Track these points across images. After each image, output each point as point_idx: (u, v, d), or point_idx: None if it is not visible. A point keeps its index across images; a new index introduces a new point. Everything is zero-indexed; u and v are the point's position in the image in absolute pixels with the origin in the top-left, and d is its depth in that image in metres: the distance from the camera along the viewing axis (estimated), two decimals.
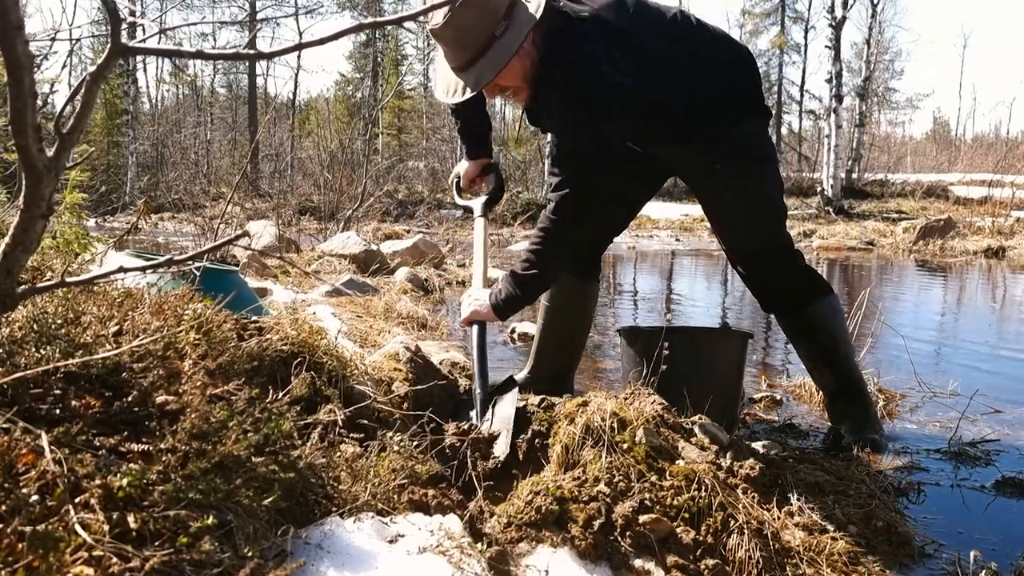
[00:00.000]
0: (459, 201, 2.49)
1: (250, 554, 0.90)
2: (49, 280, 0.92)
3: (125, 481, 0.87)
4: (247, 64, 26.35)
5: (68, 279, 0.89)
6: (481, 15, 1.81)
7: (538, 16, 1.84)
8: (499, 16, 1.82)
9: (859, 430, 2.13)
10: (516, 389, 1.80)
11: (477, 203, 2.37)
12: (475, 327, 2.08)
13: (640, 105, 1.97)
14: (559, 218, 2.02)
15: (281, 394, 1.27)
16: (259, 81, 29.27)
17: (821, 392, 2.36)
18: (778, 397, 2.68)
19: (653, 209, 14.99)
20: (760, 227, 2.17)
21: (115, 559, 0.78)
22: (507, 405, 1.74)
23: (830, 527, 1.49)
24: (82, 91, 0.79)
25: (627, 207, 2.42)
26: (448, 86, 1.95)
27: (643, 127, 2.07)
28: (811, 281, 2.21)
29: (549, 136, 2.22)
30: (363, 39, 27.00)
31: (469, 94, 1.88)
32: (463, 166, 2.46)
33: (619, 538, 1.33)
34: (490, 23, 1.81)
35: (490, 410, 1.79)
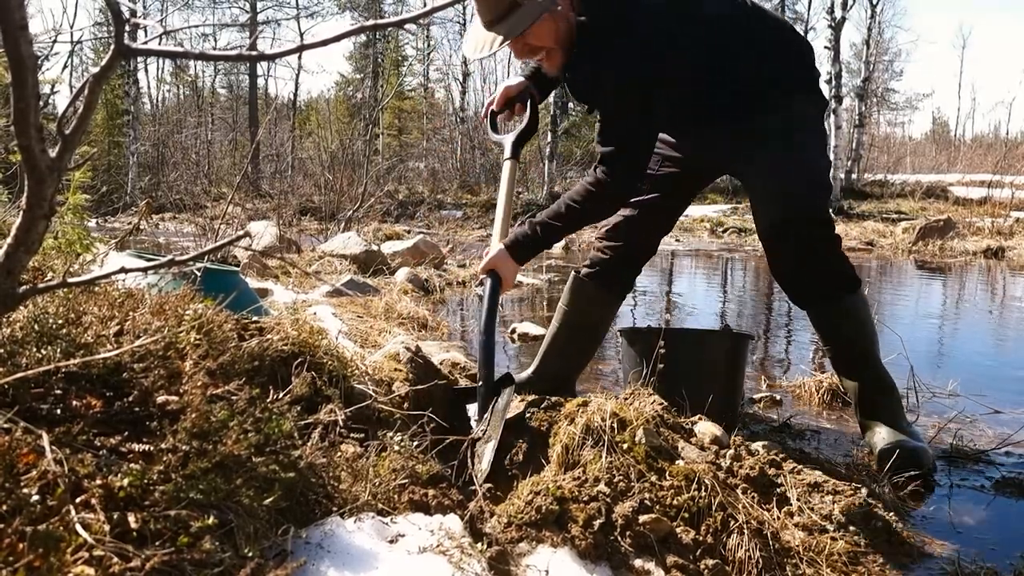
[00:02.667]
0: (492, 137, 2.38)
1: (251, 554, 0.91)
2: (51, 280, 0.93)
3: (126, 481, 0.88)
4: (248, 65, 26.37)
5: (70, 279, 0.89)
6: None
7: None
8: None
9: (897, 428, 2.01)
10: (512, 388, 1.79)
11: (508, 140, 2.26)
12: (488, 284, 2.01)
13: (702, 62, 1.97)
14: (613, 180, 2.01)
15: (282, 394, 1.27)
16: (260, 82, 29.32)
17: (848, 392, 2.18)
18: (778, 397, 2.68)
19: None
20: (801, 193, 2.03)
21: (116, 559, 0.78)
22: (500, 411, 1.70)
23: (830, 527, 1.49)
24: (84, 92, 0.79)
25: (666, 214, 2.39)
26: (477, 43, 1.94)
27: (703, 88, 2.02)
28: (847, 271, 2.07)
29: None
30: (363, 40, 26.97)
31: (498, 47, 1.87)
32: (508, 82, 2.34)
33: (619, 538, 1.33)
34: None
35: (488, 410, 1.77)
